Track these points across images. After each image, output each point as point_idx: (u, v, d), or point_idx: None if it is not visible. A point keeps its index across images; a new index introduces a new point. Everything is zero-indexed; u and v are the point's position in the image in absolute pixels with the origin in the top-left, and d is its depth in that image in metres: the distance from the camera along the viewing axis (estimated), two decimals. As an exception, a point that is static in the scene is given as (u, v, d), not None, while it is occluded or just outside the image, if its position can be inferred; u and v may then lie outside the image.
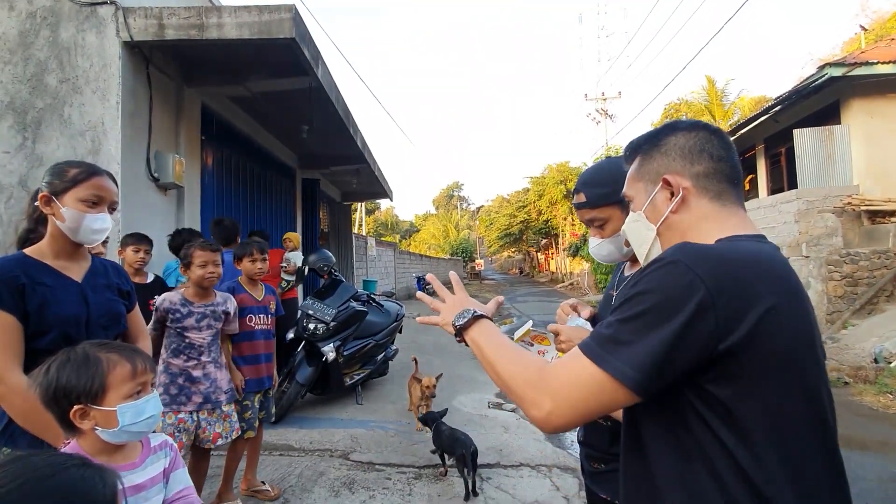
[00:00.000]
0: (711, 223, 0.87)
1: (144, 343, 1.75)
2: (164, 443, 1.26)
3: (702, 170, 0.89)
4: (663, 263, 0.77)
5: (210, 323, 2.55)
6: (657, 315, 0.74)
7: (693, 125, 0.93)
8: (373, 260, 15.33)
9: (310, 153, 8.20)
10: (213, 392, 2.51)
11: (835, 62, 9.31)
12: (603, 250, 1.44)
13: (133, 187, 3.71)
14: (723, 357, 0.73)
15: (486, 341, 0.95)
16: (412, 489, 3.16)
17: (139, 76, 3.85)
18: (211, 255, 2.52)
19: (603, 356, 0.77)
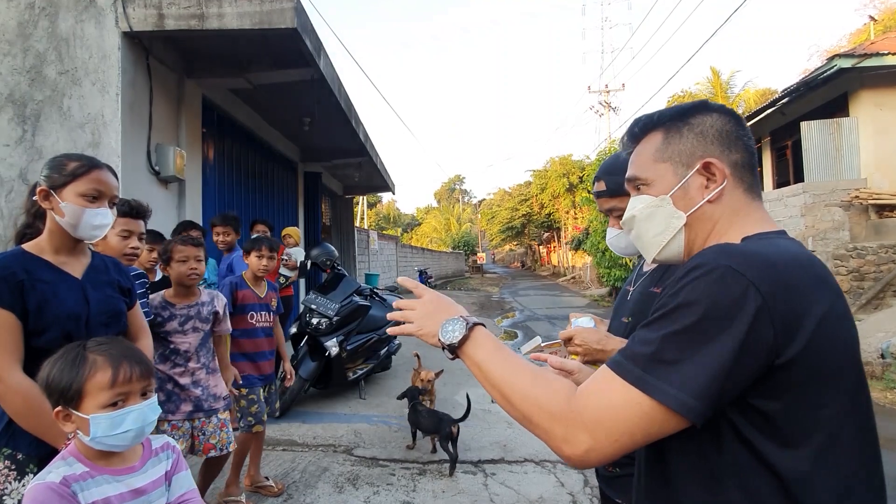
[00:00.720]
0: (741, 218, 0.80)
1: (145, 342, 1.72)
2: (165, 445, 1.22)
3: (738, 159, 0.81)
4: (707, 269, 0.68)
5: (196, 325, 2.33)
6: (709, 329, 0.65)
7: (724, 108, 0.84)
8: (375, 253, 15.31)
9: (312, 146, 8.15)
10: (206, 399, 2.32)
11: (844, 53, 9.18)
12: (621, 241, 1.41)
13: (133, 181, 3.67)
14: (776, 370, 0.66)
15: (489, 360, 0.79)
16: (416, 485, 3.14)
17: (139, 67, 3.80)
18: (193, 250, 2.32)
19: (647, 380, 0.67)
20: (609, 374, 0.71)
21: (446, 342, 0.83)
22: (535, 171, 31.47)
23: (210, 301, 2.43)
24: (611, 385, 0.70)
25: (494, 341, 0.83)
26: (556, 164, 28.75)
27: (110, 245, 1.90)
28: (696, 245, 0.83)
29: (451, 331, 0.83)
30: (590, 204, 14.92)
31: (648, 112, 0.90)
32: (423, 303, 0.90)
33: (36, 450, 1.37)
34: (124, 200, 1.91)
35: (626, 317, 1.36)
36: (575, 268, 26.24)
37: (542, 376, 0.76)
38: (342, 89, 5.52)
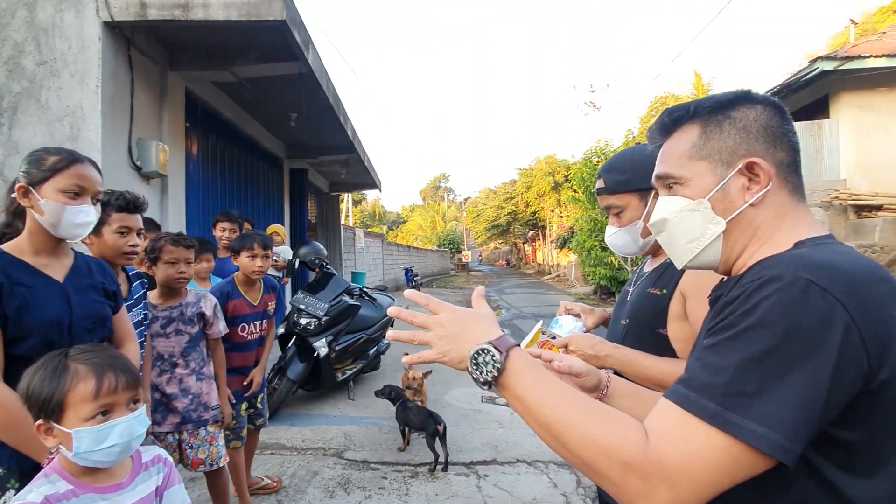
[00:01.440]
0: (787, 222, 0.73)
1: (131, 347, 1.63)
2: (157, 457, 1.15)
3: (784, 157, 0.73)
4: (785, 284, 0.59)
5: (179, 327, 2.18)
6: (795, 354, 0.56)
7: (769, 100, 0.76)
8: (361, 251, 15.17)
9: (298, 142, 8.01)
10: (195, 409, 2.17)
11: (826, 56, 9.37)
12: (619, 240, 1.38)
13: (114, 176, 3.53)
14: (863, 395, 0.59)
15: (534, 395, 0.68)
16: (409, 489, 3.09)
17: (120, 58, 3.66)
18: (184, 252, 2.16)
19: (729, 418, 0.57)
20: (679, 413, 0.61)
21: (480, 379, 0.71)
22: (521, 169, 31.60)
23: (196, 302, 2.26)
24: (686, 426, 0.59)
25: (537, 369, 0.71)
26: (541, 162, 28.89)
27: (107, 243, 1.78)
28: (735, 253, 0.76)
29: (484, 364, 0.70)
30: (575, 203, 15.00)
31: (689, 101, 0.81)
32: (441, 322, 0.76)
33: (18, 464, 1.29)
34: (119, 194, 1.80)
35: (625, 319, 1.33)
36: (560, 266, 26.42)
37: (602, 413, 0.65)
38: (330, 84, 5.42)
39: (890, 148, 9.24)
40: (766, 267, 0.64)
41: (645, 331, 1.26)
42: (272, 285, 2.89)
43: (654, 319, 1.24)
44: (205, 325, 2.30)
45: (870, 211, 8.95)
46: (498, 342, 0.71)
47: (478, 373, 0.71)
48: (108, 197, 1.77)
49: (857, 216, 9.09)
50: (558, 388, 0.69)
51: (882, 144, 9.28)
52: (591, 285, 15.58)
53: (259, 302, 2.75)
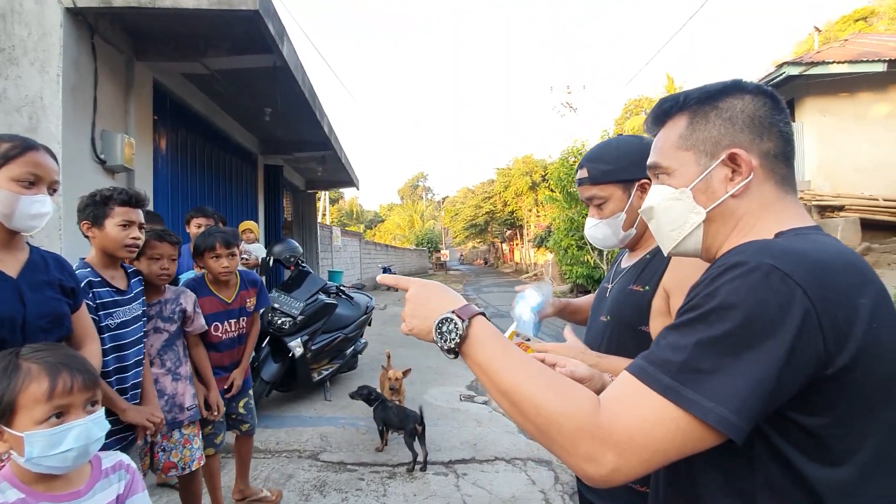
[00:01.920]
0: (771, 213, 0.73)
1: (91, 348, 1.55)
2: (118, 464, 1.08)
3: (772, 148, 0.73)
4: (749, 269, 0.61)
5: (157, 325, 2.13)
6: (751, 336, 0.58)
7: (759, 89, 0.76)
8: (338, 250, 14.99)
9: (273, 138, 7.83)
10: (169, 411, 2.11)
11: (792, 61, 9.68)
12: (599, 232, 1.35)
13: (76, 169, 3.37)
14: (823, 381, 0.60)
15: (494, 363, 0.69)
16: (387, 489, 3.05)
17: (83, 47, 3.49)
18: (168, 248, 2.12)
19: (682, 392, 0.59)
20: (635, 384, 0.63)
21: (444, 347, 0.73)
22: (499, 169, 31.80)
23: (175, 298, 2.22)
24: (639, 397, 0.62)
25: (498, 338, 0.72)
26: (518, 162, 29.14)
27: (110, 236, 1.78)
28: (717, 241, 0.77)
29: (448, 332, 0.72)
30: (552, 202, 15.13)
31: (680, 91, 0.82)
32: (409, 298, 0.79)
33: None
34: (122, 189, 1.84)
35: (605, 315, 1.31)
36: (537, 265, 26.67)
37: (559, 382, 0.66)
38: (306, 78, 5.31)
39: (850, 151, 9.63)
40: (732, 253, 0.66)
41: (627, 328, 1.24)
42: (252, 280, 2.75)
43: (636, 316, 1.22)
44: (184, 322, 2.25)
45: (832, 211, 9.30)
46: (461, 311, 0.73)
47: (442, 341, 0.73)
48: (112, 192, 1.80)
49: (820, 216, 9.43)
50: (520, 359, 0.69)
51: (843, 147, 9.65)
52: (568, 283, 15.77)
53: (234, 299, 2.61)
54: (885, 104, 9.67)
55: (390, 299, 14.55)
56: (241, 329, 2.65)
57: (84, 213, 1.80)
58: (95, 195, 1.81)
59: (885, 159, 9.49)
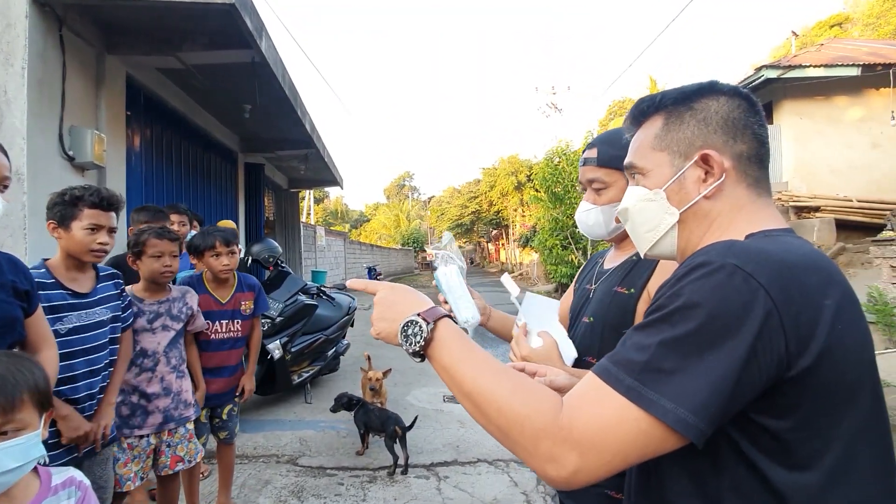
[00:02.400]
0: (744, 215, 0.73)
1: (47, 354, 1.46)
2: (69, 480, 1.01)
3: (745, 150, 0.73)
4: (712, 269, 0.60)
5: (166, 323, 2.14)
6: (713, 336, 0.57)
7: (735, 91, 0.76)
8: (322, 250, 14.83)
9: (254, 136, 7.69)
10: (176, 408, 2.13)
11: (770, 65, 9.85)
12: (590, 218, 1.30)
13: (42, 166, 3.24)
14: (786, 383, 0.59)
15: (458, 364, 0.69)
16: (366, 494, 2.99)
17: (50, 39, 3.35)
18: (169, 245, 2.11)
19: (643, 393, 0.58)
20: (598, 384, 0.62)
21: (409, 350, 0.72)
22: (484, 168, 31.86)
23: (181, 297, 2.23)
24: (601, 397, 0.61)
25: (462, 340, 0.72)
26: (504, 162, 29.21)
27: (75, 238, 1.69)
28: (691, 243, 0.76)
29: (413, 335, 0.72)
30: (537, 202, 15.17)
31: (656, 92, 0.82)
32: (377, 301, 0.80)
33: None
34: (94, 189, 1.73)
35: (588, 317, 1.28)
36: (522, 265, 26.78)
37: (523, 384, 0.65)
38: (286, 75, 5.21)
39: (825, 153, 9.84)
40: (698, 254, 0.65)
41: (611, 330, 1.21)
42: (250, 284, 2.69)
43: (621, 319, 1.18)
44: (188, 321, 2.27)
45: (809, 212, 9.49)
46: (426, 313, 0.73)
47: (407, 344, 0.73)
48: (83, 192, 1.71)
49: (797, 217, 9.62)
50: (483, 359, 0.69)
51: (818, 150, 9.86)
52: (553, 283, 15.84)
53: (229, 300, 2.59)
54: (858, 107, 9.91)
55: (375, 299, 14.44)
56: (234, 332, 2.59)
57: (51, 212, 1.71)
58: (65, 194, 1.72)
59: (857, 161, 9.73)
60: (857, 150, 9.79)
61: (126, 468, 2.01)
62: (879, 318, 5.98)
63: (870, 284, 6.60)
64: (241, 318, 2.61)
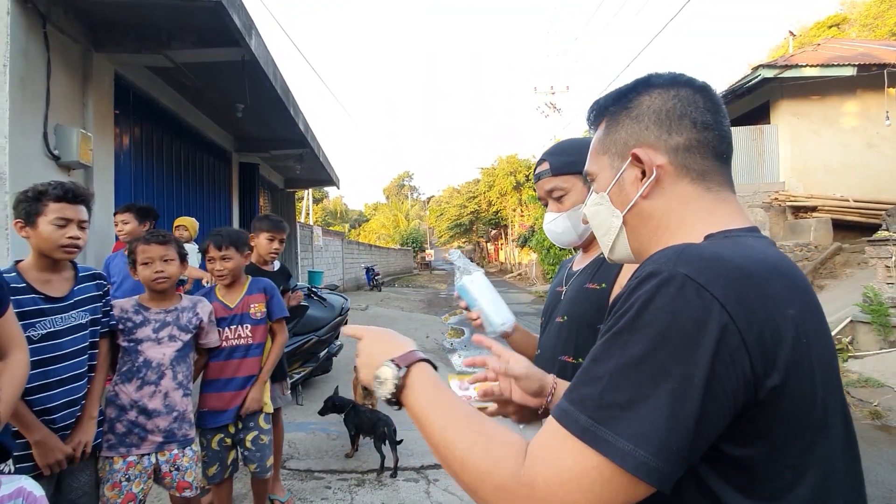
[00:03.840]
0: (695, 211, 0.68)
1: (16, 357, 1.39)
2: (18, 491, 0.97)
3: (682, 142, 0.68)
4: (660, 281, 0.54)
5: (173, 333, 2.00)
6: (665, 360, 0.51)
7: (672, 80, 0.71)
8: (319, 250, 14.77)
9: (247, 135, 7.63)
10: (179, 427, 1.97)
11: (767, 64, 9.83)
12: (558, 226, 1.30)
13: (25, 165, 3.19)
14: (754, 407, 0.53)
15: (426, 414, 0.66)
16: (354, 497, 2.95)
17: (33, 35, 3.30)
18: (158, 249, 1.98)
19: (598, 433, 0.52)
20: (555, 428, 0.56)
21: (383, 398, 0.72)
22: (483, 168, 31.81)
23: (192, 307, 2.10)
24: (560, 444, 0.54)
25: (432, 387, 0.69)
26: (503, 162, 29.16)
27: (42, 235, 1.62)
28: (642, 245, 0.73)
29: (383, 382, 0.71)
30: (536, 202, 15.16)
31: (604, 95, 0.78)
32: (360, 349, 0.81)
33: None
34: (57, 183, 1.66)
35: (561, 316, 1.27)
36: (521, 264, 26.75)
37: (486, 433, 0.60)
38: (277, 73, 5.16)
39: (822, 153, 9.82)
40: (649, 262, 0.60)
41: (584, 327, 1.20)
42: (262, 287, 2.51)
43: (594, 315, 1.17)
44: (198, 334, 2.13)
45: (806, 212, 9.46)
46: (400, 358, 0.72)
47: (381, 390, 0.71)
48: (46, 186, 1.65)
49: (794, 217, 9.59)
50: (450, 407, 0.65)
51: (815, 150, 9.85)
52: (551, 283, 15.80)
53: (237, 304, 2.41)
54: (853, 107, 9.89)
55: (372, 300, 14.41)
56: (243, 338, 2.39)
57: (17, 211, 1.66)
58: (28, 191, 1.66)
59: (853, 161, 9.71)
60: (853, 149, 9.78)
61: (114, 491, 1.85)
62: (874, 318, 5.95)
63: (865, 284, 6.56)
64: (250, 323, 2.41)
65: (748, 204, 9.57)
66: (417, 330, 9.45)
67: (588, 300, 1.21)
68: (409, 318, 11.51)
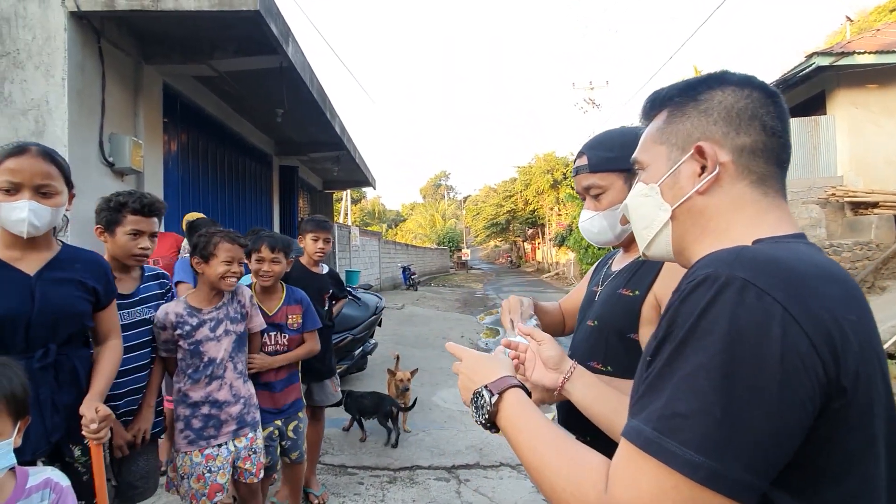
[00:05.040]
0: (747, 215, 0.66)
1: (112, 343, 1.60)
2: (45, 482, 1.04)
3: (749, 143, 0.67)
4: (719, 285, 0.53)
5: (228, 328, 2.06)
6: (731, 368, 0.50)
7: (746, 81, 0.70)
8: (356, 250, 15.06)
9: (287, 139, 7.89)
10: (248, 412, 2.07)
11: (822, 52, 9.25)
12: (594, 226, 1.24)
13: (83, 172, 3.42)
14: (828, 413, 0.52)
15: (518, 438, 0.69)
16: (385, 494, 2.99)
17: (89, 50, 3.54)
18: (240, 251, 2.04)
19: (664, 445, 0.50)
20: (626, 448, 0.55)
21: (478, 422, 0.76)
22: (520, 167, 31.49)
23: (232, 297, 2.12)
24: (633, 464, 0.53)
25: (524, 414, 0.72)
26: (540, 160, 28.79)
27: (118, 244, 1.79)
28: (687, 244, 0.71)
29: (480, 406, 0.76)
30: (573, 200, 14.89)
31: (668, 85, 0.77)
32: (460, 369, 0.85)
33: None
34: (137, 196, 1.82)
35: (593, 320, 1.22)
36: (559, 264, 26.32)
37: (570, 458, 0.62)
38: (314, 79, 5.30)
39: (882, 145, 9.15)
40: (702, 265, 0.58)
41: (614, 335, 1.15)
42: (298, 298, 2.54)
43: (625, 323, 1.13)
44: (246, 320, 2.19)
45: (866, 208, 8.83)
46: (494, 384, 0.76)
47: (476, 415, 0.76)
48: (127, 198, 1.79)
49: (853, 213, 8.97)
50: (539, 432, 0.68)
51: (875, 141, 9.18)
52: (588, 283, 15.45)
53: (276, 312, 2.45)
54: (920, 95, 9.15)
55: (408, 299, 14.56)
56: (280, 346, 2.44)
57: (98, 217, 1.82)
58: (111, 200, 1.81)
59: (919, 153, 8.98)
60: (918, 140, 9.05)
61: (199, 483, 1.95)
62: (946, 322, 5.49)
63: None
64: (288, 333, 2.45)
65: (802, 200, 9.03)
66: (453, 329, 9.48)
67: (620, 306, 1.16)
68: (444, 317, 11.56)
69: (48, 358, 1.41)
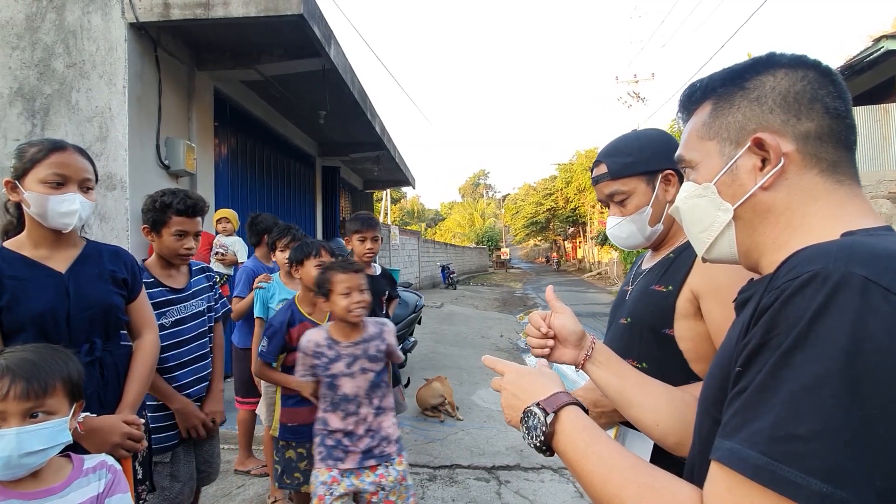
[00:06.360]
0: (823, 208, 0.60)
1: (148, 337, 1.61)
2: (101, 463, 1.09)
3: (813, 128, 0.60)
4: (833, 284, 0.46)
5: (365, 366, 1.95)
6: (857, 380, 0.43)
7: (798, 61, 0.63)
8: (396, 249, 15.25)
9: (329, 140, 8.07)
10: (377, 445, 1.94)
11: (891, 34, 8.55)
12: (623, 231, 1.23)
13: (142, 174, 3.62)
14: None
15: (583, 461, 0.63)
16: (425, 492, 2.99)
17: (147, 59, 3.74)
18: (355, 278, 1.93)
19: (779, 473, 0.44)
20: (723, 474, 0.49)
21: (533, 445, 0.69)
22: (561, 164, 30.97)
23: (378, 334, 2.01)
24: (742, 496, 0.47)
25: (587, 431, 0.66)
26: (581, 157, 28.19)
27: (164, 244, 1.86)
28: (756, 244, 0.64)
29: (533, 427, 0.69)
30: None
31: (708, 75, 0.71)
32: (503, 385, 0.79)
33: None
34: (182, 197, 1.87)
35: (625, 318, 1.20)
36: (601, 263, 25.70)
37: (652, 487, 0.56)
38: (356, 80, 5.39)
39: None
40: (804, 260, 0.51)
41: (647, 331, 1.13)
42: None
43: (658, 319, 1.11)
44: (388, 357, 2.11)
45: (946, 203, 8.09)
46: (547, 402, 0.69)
47: (528, 437, 0.70)
48: (172, 199, 1.84)
49: (930, 209, 8.24)
50: (610, 456, 0.61)
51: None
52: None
53: None
54: None
55: (447, 298, 14.61)
56: None
57: (145, 217, 1.89)
58: (156, 201, 1.86)
59: None
60: None
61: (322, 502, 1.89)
62: None
63: None
64: None
65: (871, 195, 8.38)
66: (492, 328, 9.42)
67: (653, 302, 1.14)
68: (483, 316, 11.52)
69: (95, 353, 1.44)
